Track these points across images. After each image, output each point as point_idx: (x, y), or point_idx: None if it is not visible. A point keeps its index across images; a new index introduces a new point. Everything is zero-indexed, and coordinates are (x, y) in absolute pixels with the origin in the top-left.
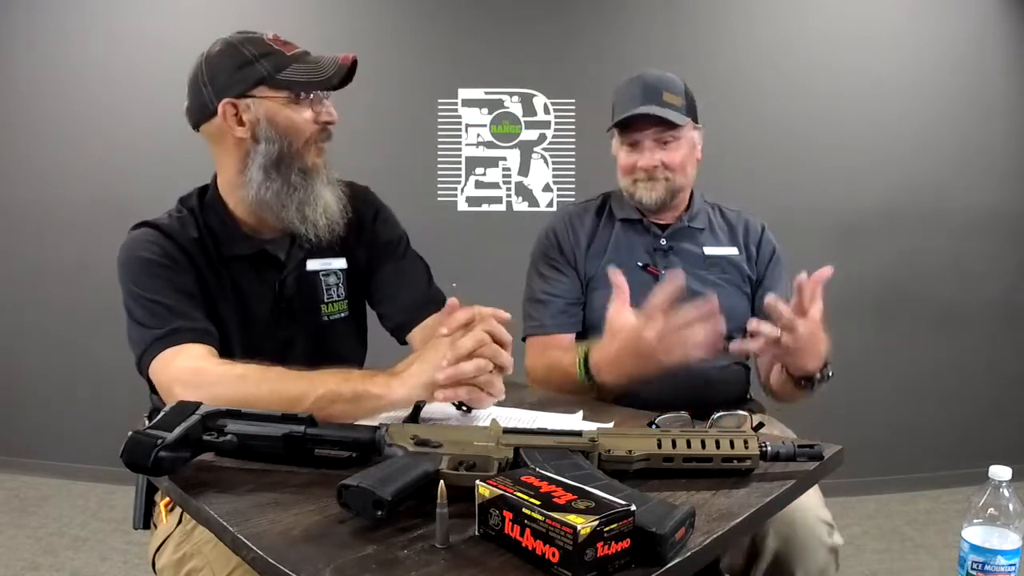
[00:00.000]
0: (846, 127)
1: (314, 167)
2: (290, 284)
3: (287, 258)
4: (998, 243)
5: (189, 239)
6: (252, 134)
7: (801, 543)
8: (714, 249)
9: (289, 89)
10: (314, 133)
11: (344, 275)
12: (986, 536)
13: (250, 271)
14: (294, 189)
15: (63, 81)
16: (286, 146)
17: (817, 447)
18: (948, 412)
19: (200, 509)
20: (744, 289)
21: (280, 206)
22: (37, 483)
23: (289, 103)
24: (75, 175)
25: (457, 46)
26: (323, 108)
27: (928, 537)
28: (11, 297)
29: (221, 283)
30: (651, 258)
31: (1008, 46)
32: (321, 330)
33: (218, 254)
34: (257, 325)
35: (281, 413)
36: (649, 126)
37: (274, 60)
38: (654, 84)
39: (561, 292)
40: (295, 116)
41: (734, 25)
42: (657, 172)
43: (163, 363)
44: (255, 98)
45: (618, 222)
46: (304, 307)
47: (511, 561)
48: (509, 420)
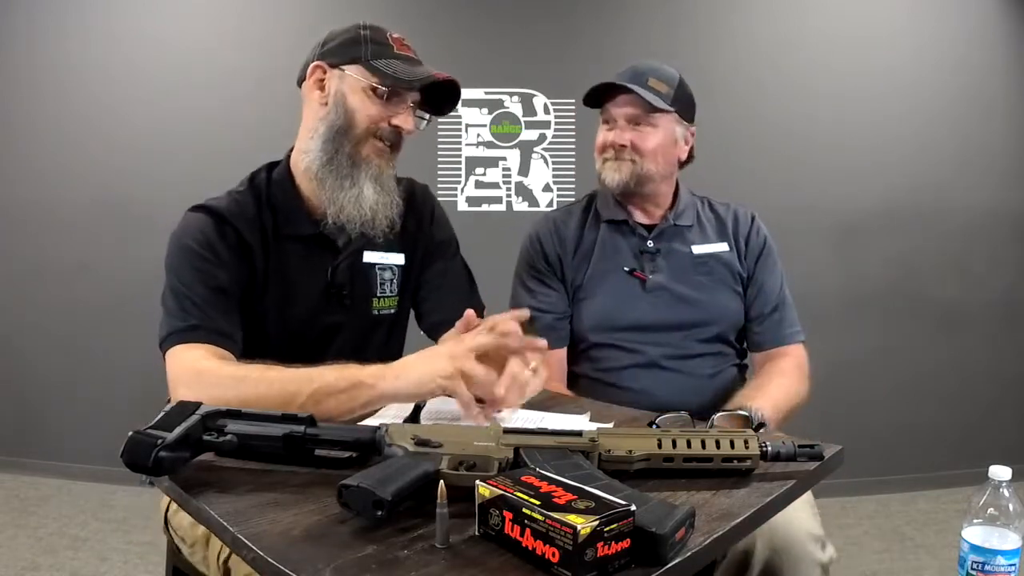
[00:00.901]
0: (846, 127)
1: (366, 160)
2: (343, 271)
3: (344, 245)
4: (998, 243)
5: (244, 220)
6: (327, 102)
7: (792, 561)
8: (703, 247)
9: (376, 76)
10: (376, 128)
11: (400, 272)
12: (986, 536)
13: (305, 252)
14: (338, 172)
15: (63, 81)
16: (346, 127)
17: (817, 447)
18: (948, 412)
19: (200, 509)
20: (735, 288)
21: (321, 181)
22: (37, 483)
23: (370, 92)
24: (75, 175)
25: (457, 46)
26: (401, 112)
27: (928, 537)
28: (11, 297)
29: (274, 260)
30: (638, 262)
31: (1008, 46)
32: (370, 323)
33: (275, 231)
34: (302, 307)
35: (281, 413)
36: (626, 104)
37: (378, 49)
38: (644, 69)
39: (548, 306)
40: (367, 104)
41: (734, 25)
42: (625, 153)
43: (174, 357)
44: (344, 72)
45: (603, 224)
46: (356, 298)
47: (511, 561)
48: (516, 420)
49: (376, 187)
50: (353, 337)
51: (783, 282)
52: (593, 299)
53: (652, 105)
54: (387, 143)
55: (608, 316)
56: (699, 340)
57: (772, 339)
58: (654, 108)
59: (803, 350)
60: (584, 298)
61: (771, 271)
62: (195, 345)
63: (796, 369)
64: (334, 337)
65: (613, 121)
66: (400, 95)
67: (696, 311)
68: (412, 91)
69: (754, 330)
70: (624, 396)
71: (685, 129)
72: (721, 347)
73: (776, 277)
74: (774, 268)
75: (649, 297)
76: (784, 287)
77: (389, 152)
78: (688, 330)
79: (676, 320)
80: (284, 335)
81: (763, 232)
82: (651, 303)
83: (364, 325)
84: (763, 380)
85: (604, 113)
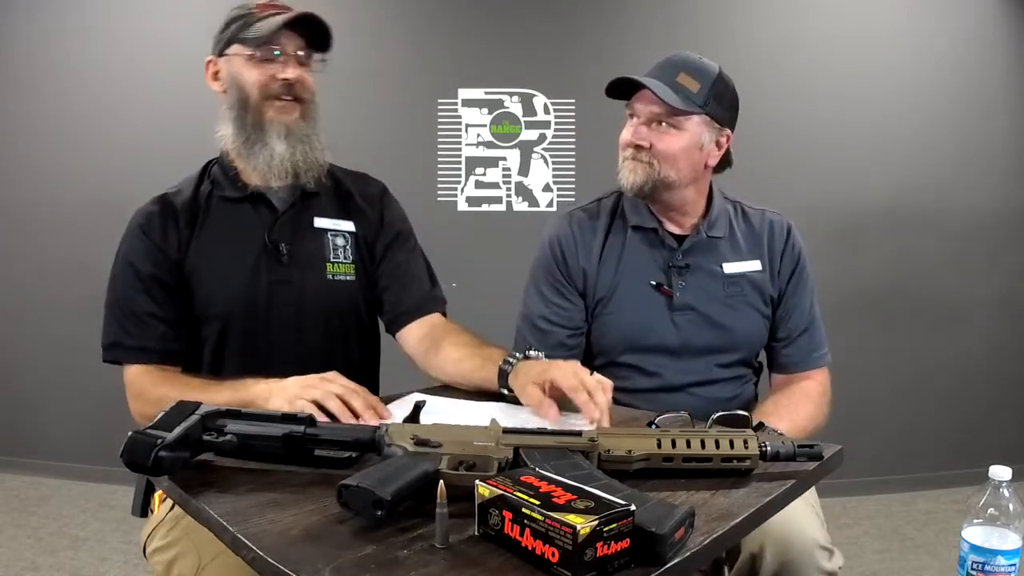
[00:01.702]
0: (846, 127)
1: (270, 121)
2: (282, 230)
3: (283, 205)
4: (998, 243)
5: (183, 201)
6: (225, 88)
7: (800, 570)
8: (735, 266)
9: (247, 45)
10: (268, 90)
11: (352, 239)
12: (986, 536)
13: (244, 214)
14: (252, 142)
15: (63, 81)
16: (243, 99)
17: (817, 447)
18: (948, 412)
19: (200, 509)
20: (763, 311)
21: (240, 155)
22: (37, 483)
23: (248, 60)
24: (75, 175)
25: (457, 46)
26: (278, 66)
27: (928, 537)
28: (11, 297)
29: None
30: (666, 277)
31: (1008, 46)
32: (329, 289)
33: (209, 196)
34: (246, 262)
35: (281, 413)
36: (650, 101)
37: (245, 20)
38: (677, 62)
39: (563, 321)
40: (250, 72)
41: (734, 25)
42: (642, 154)
43: (127, 373)
44: (227, 56)
45: (630, 230)
46: (302, 258)
47: (511, 561)
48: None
49: (287, 142)
50: (312, 300)
51: (814, 300)
52: (617, 315)
53: (674, 108)
54: (286, 98)
55: (633, 336)
56: (720, 365)
57: (800, 363)
58: (676, 110)
59: (827, 374)
60: (608, 313)
61: (803, 290)
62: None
63: (821, 396)
64: (288, 298)
65: (637, 117)
66: (272, 51)
67: (722, 336)
68: (279, 44)
69: (781, 352)
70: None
71: (717, 132)
72: (741, 370)
73: (807, 296)
74: (806, 287)
75: (675, 316)
76: (815, 305)
77: (293, 104)
78: (712, 355)
79: (702, 345)
80: (234, 295)
81: (799, 246)
82: (677, 324)
83: (320, 289)
84: (790, 400)
85: (629, 107)
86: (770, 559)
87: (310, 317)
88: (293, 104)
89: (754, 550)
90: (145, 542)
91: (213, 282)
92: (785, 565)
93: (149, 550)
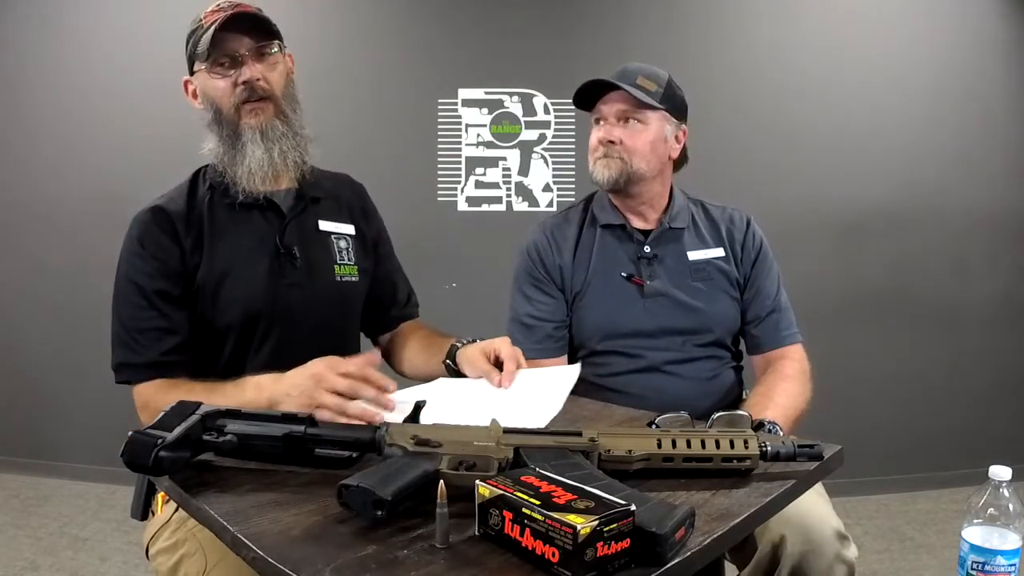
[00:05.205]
0: (846, 127)
1: (243, 129)
2: (295, 234)
3: (289, 210)
4: (998, 243)
5: (179, 210)
6: (203, 104)
7: (822, 558)
8: (699, 253)
9: (205, 60)
10: (236, 97)
11: (352, 241)
12: (986, 536)
13: (255, 219)
14: (230, 151)
15: (63, 81)
16: (217, 111)
17: (817, 447)
18: (948, 412)
19: (200, 509)
20: (732, 293)
21: (232, 168)
22: (37, 483)
23: (209, 73)
24: (75, 175)
25: (457, 46)
26: (235, 71)
27: (928, 537)
28: (11, 297)
29: (223, 227)
30: (635, 267)
31: (1008, 46)
32: (339, 291)
33: (224, 204)
34: (261, 268)
35: (281, 413)
36: (616, 101)
37: (197, 36)
38: (633, 69)
39: (547, 315)
40: (215, 84)
41: (734, 26)
42: (613, 149)
43: (136, 390)
44: (195, 73)
45: (600, 228)
46: (314, 262)
47: (511, 561)
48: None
49: (263, 144)
50: (325, 302)
51: (779, 285)
52: (593, 307)
53: (641, 101)
54: (253, 101)
55: (609, 323)
56: (697, 345)
57: (770, 341)
58: (643, 104)
59: (802, 351)
60: (584, 305)
61: (767, 274)
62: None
63: (799, 373)
64: (304, 301)
65: (604, 119)
66: (222, 59)
67: (695, 317)
68: (226, 49)
69: (752, 333)
70: (625, 400)
71: (676, 127)
72: (719, 351)
73: (772, 280)
74: (770, 271)
75: (648, 303)
76: (781, 290)
77: (262, 105)
78: (687, 336)
79: (675, 326)
80: (253, 300)
81: (759, 235)
82: (650, 309)
83: (331, 290)
84: (768, 386)
85: (595, 113)
86: (791, 548)
87: (324, 319)
88: (263, 104)
89: (774, 540)
90: (148, 543)
91: (230, 289)
92: (806, 554)
93: (153, 551)
